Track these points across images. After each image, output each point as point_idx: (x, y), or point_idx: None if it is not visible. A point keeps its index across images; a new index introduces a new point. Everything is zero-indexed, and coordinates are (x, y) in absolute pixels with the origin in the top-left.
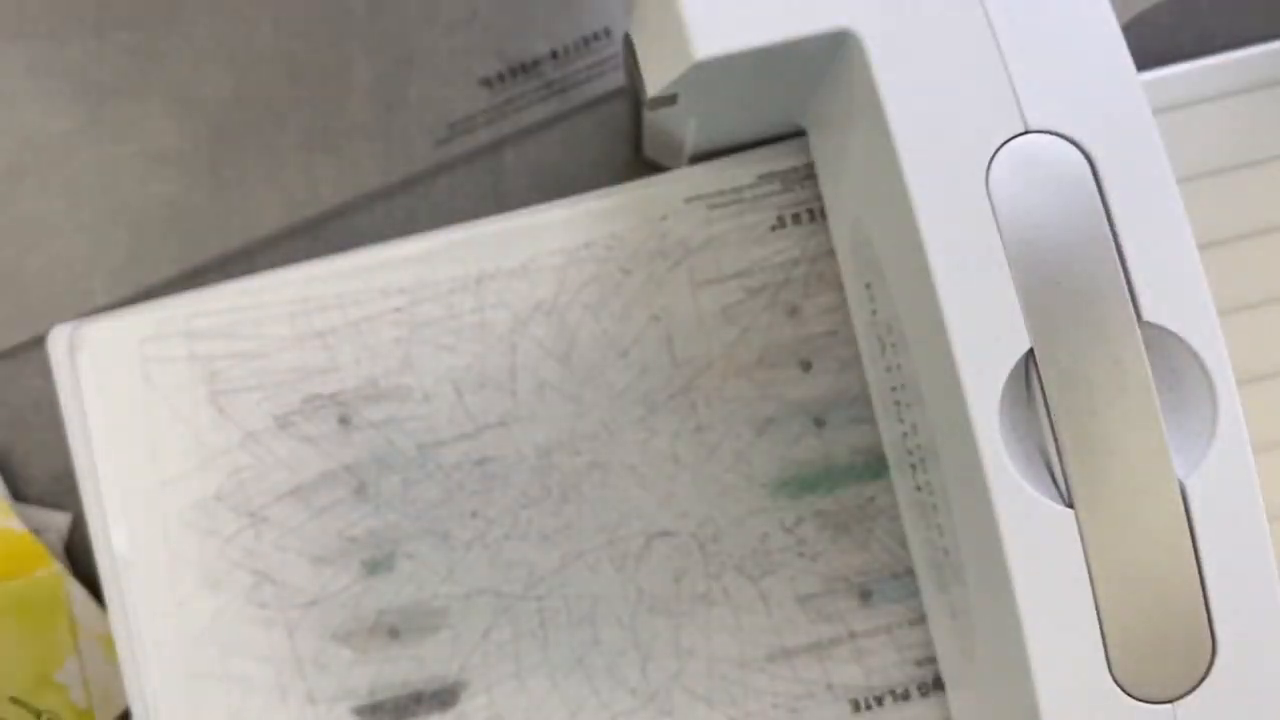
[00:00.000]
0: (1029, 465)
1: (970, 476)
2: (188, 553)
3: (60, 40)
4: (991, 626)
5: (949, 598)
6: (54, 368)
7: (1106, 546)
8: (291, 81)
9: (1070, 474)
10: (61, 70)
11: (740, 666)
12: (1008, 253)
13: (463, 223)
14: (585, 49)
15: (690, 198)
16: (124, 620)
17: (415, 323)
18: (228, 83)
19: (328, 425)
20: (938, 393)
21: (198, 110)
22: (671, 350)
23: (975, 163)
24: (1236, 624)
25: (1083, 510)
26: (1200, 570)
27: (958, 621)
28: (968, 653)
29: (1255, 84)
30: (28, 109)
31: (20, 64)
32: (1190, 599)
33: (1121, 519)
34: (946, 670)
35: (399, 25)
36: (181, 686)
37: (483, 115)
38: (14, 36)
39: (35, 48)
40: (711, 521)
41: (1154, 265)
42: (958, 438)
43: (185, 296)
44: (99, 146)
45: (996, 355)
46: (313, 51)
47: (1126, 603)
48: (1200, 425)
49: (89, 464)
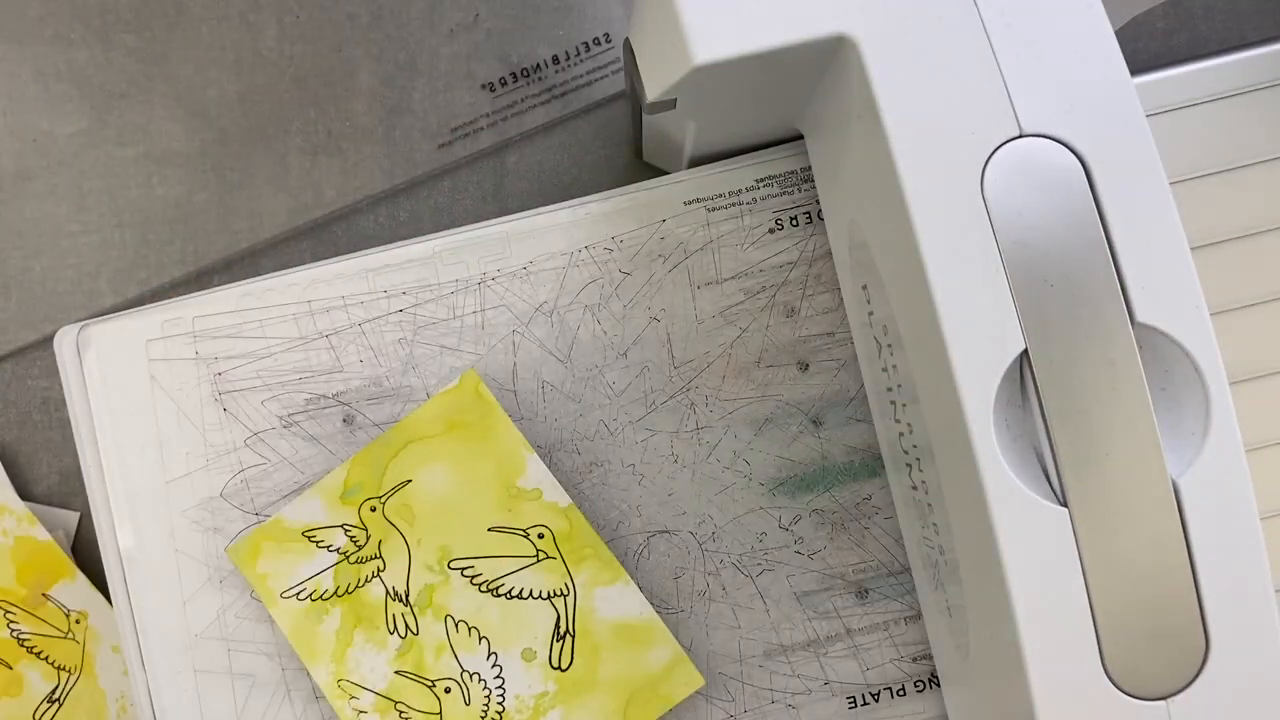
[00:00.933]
0: (1023, 465)
1: (965, 476)
2: (193, 551)
3: (66, 45)
4: (986, 624)
5: (944, 596)
6: (61, 367)
7: (1100, 545)
8: (296, 86)
9: (1064, 473)
10: (68, 74)
11: (738, 662)
12: (1002, 255)
13: (465, 225)
14: (586, 54)
15: (690, 200)
16: (129, 617)
17: (418, 324)
18: (232, 87)
19: (332, 425)
20: (933, 393)
21: (203, 114)
22: (671, 351)
23: (970, 166)
24: (1230, 621)
25: (1077, 509)
26: (1194, 568)
27: (953, 619)
28: (963, 650)
29: (1248, 87)
30: (34, 113)
31: (27, 68)
32: (1184, 597)
33: (1115, 518)
34: (942, 667)
35: (401, 31)
36: (187, 683)
37: (485, 119)
38: (20, 41)
39: (41, 52)
40: (710, 520)
41: (1147, 267)
42: (953, 437)
43: (191, 298)
44: (105, 150)
45: (991, 356)
46: (317, 56)
47: (1120, 600)
48: (1193, 425)
49: (95, 463)
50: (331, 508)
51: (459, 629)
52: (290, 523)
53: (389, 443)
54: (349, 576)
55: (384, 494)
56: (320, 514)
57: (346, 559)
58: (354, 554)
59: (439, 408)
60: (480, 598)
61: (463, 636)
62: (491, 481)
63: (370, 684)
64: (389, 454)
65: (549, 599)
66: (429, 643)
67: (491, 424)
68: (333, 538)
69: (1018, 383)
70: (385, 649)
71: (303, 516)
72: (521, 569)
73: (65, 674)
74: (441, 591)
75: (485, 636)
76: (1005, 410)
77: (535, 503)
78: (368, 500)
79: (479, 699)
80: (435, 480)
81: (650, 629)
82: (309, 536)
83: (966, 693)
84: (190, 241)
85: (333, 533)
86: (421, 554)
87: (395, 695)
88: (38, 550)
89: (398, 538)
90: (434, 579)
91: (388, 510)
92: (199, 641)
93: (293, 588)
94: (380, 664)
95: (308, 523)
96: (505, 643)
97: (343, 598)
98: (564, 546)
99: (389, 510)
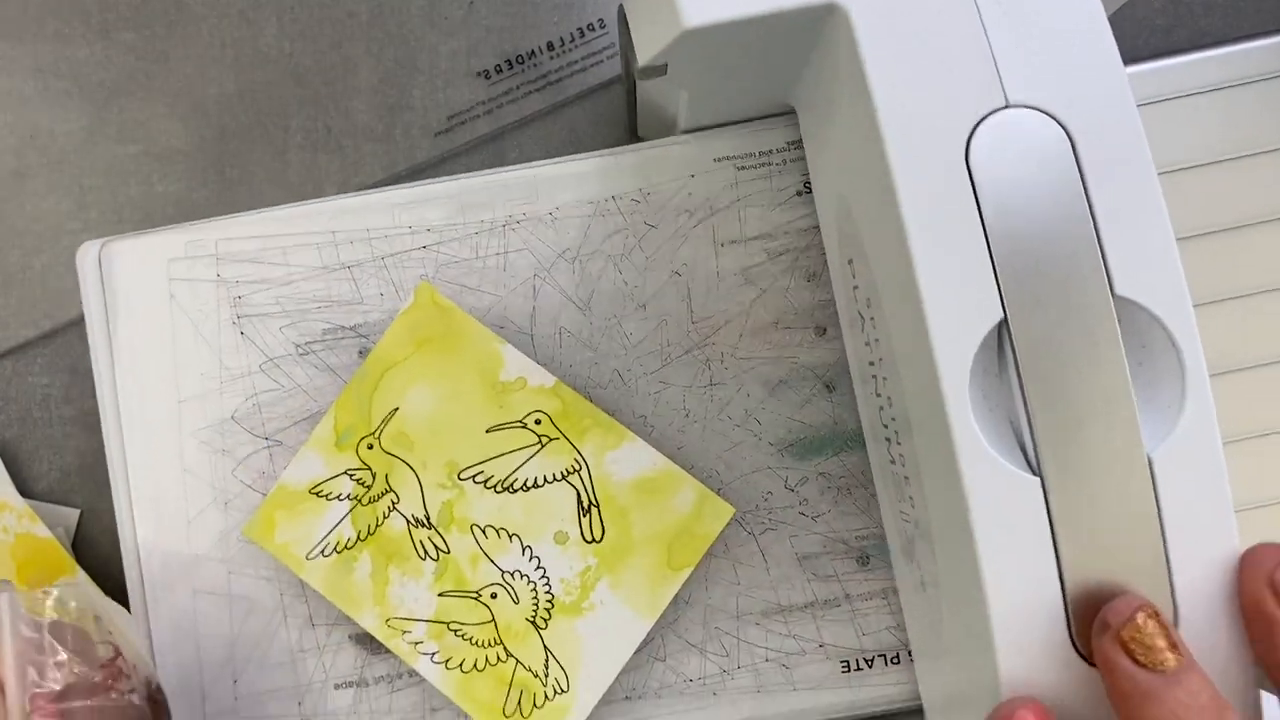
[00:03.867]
0: (998, 434)
1: (940, 444)
2: (201, 471)
3: (66, 42)
4: (956, 595)
5: (918, 569)
6: (81, 281)
7: (1072, 515)
8: (295, 83)
9: (1039, 443)
10: (68, 72)
11: (736, 619)
12: (984, 223)
13: (495, 168)
14: (581, 40)
15: (720, 158)
16: (133, 534)
17: (440, 261)
18: (232, 84)
19: (348, 356)
20: (911, 362)
21: (203, 111)
22: (690, 306)
23: (956, 135)
24: (1197, 598)
25: (1050, 479)
26: (1165, 542)
27: (926, 592)
28: (935, 624)
29: (1245, 79)
30: (34, 110)
31: (26, 65)
32: (1154, 570)
33: (1088, 489)
34: (914, 641)
35: (401, 29)
36: (186, 602)
37: (481, 106)
38: (20, 38)
39: (41, 49)
40: (717, 475)
41: (1129, 240)
42: (929, 405)
43: (216, 221)
44: (105, 147)
45: (969, 323)
46: (316, 53)
47: (1090, 571)
48: (1169, 399)
49: (109, 380)
50: (330, 458)
51: (487, 534)
52: (294, 485)
53: (366, 377)
54: (367, 518)
55: (376, 429)
56: (320, 468)
57: (359, 503)
58: (365, 496)
59: (403, 328)
60: (499, 498)
61: (493, 541)
62: (476, 384)
63: (418, 614)
64: (369, 388)
65: (564, 479)
66: (463, 556)
67: (459, 329)
68: (339, 487)
69: (995, 353)
70: (423, 576)
71: (304, 475)
72: (529, 459)
73: None
74: (460, 505)
75: (515, 534)
76: (982, 380)
77: (522, 391)
78: (363, 439)
79: (526, 595)
80: (422, 400)
81: (669, 476)
82: (317, 493)
83: (937, 666)
84: None
85: (338, 482)
86: (430, 475)
87: (445, 617)
88: (38, 547)
89: (402, 467)
90: (449, 495)
91: (385, 442)
92: (200, 561)
93: (316, 546)
94: (422, 592)
95: (311, 480)
96: (535, 534)
97: (367, 541)
98: (563, 424)
99: (386, 442)
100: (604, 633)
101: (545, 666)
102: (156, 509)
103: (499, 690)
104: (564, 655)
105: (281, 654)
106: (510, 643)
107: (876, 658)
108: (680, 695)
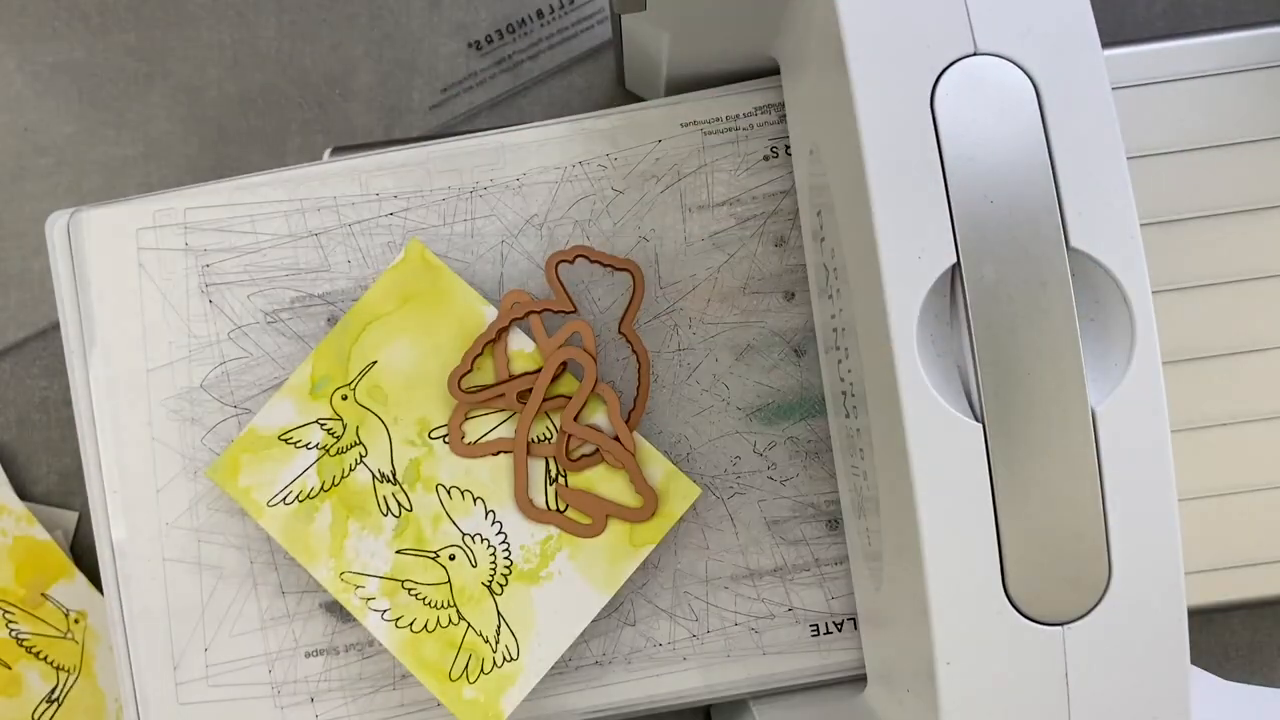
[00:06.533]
0: (945, 382)
1: (887, 388)
2: (169, 440)
3: (65, 43)
4: (896, 545)
5: (864, 524)
6: (50, 251)
7: (1012, 465)
8: (294, 83)
9: (984, 389)
10: (66, 73)
11: (705, 583)
12: (945, 167)
13: (462, 135)
14: (571, 7)
15: (686, 123)
16: (102, 501)
17: (408, 228)
18: (230, 84)
19: (316, 324)
20: (866, 303)
21: (201, 112)
22: (658, 271)
23: (922, 79)
24: (1134, 555)
25: (992, 426)
26: (1103, 498)
27: (870, 546)
28: (876, 579)
29: (1235, 67)
30: (31, 110)
31: (25, 67)
32: (1091, 526)
33: (1030, 439)
34: (861, 604)
35: (400, 30)
36: (155, 570)
37: (473, 78)
38: (18, 40)
39: (40, 51)
40: (685, 440)
41: (1087, 194)
42: (880, 349)
43: (184, 190)
44: (103, 148)
45: (922, 264)
46: (315, 54)
47: (1027, 523)
48: (1117, 356)
49: (79, 351)
50: (303, 405)
51: (451, 495)
52: (264, 430)
53: (348, 328)
54: (333, 469)
55: (352, 380)
56: (292, 414)
57: (327, 453)
58: (333, 447)
59: (390, 283)
60: (466, 460)
61: (456, 502)
62: (456, 344)
63: (372, 570)
64: (350, 340)
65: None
66: (425, 515)
67: (445, 287)
68: (309, 435)
69: (948, 300)
70: (382, 532)
71: (275, 420)
72: (501, 424)
73: (64, 674)
74: (428, 463)
75: (479, 497)
76: (933, 326)
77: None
78: (338, 389)
79: (485, 559)
80: (400, 356)
81: (639, 452)
82: (285, 439)
83: (878, 628)
84: None
85: (308, 430)
86: (400, 431)
87: (400, 575)
88: (37, 550)
89: (374, 420)
90: (417, 452)
91: (359, 395)
92: (169, 530)
93: (278, 494)
94: (380, 548)
95: (282, 426)
96: (500, 499)
97: (330, 492)
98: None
99: (360, 395)
100: (560, 603)
101: (497, 633)
102: (125, 478)
103: (447, 653)
104: (517, 623)
105: (252, 622)
106: (464, 606)
107: (845, 621)
108: (650, 660)
